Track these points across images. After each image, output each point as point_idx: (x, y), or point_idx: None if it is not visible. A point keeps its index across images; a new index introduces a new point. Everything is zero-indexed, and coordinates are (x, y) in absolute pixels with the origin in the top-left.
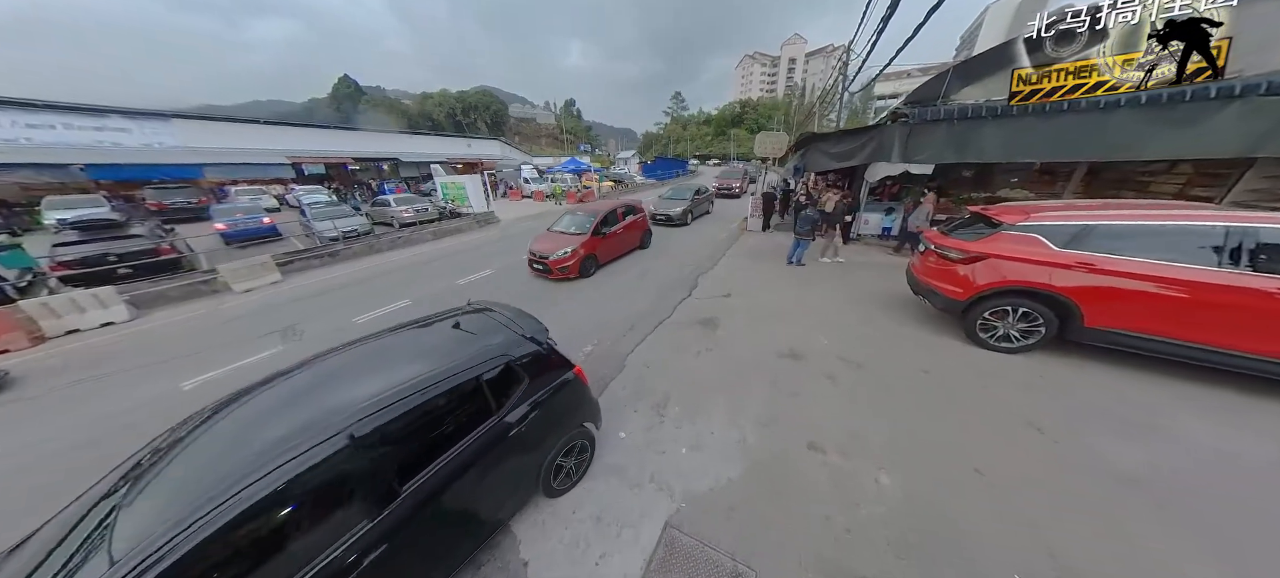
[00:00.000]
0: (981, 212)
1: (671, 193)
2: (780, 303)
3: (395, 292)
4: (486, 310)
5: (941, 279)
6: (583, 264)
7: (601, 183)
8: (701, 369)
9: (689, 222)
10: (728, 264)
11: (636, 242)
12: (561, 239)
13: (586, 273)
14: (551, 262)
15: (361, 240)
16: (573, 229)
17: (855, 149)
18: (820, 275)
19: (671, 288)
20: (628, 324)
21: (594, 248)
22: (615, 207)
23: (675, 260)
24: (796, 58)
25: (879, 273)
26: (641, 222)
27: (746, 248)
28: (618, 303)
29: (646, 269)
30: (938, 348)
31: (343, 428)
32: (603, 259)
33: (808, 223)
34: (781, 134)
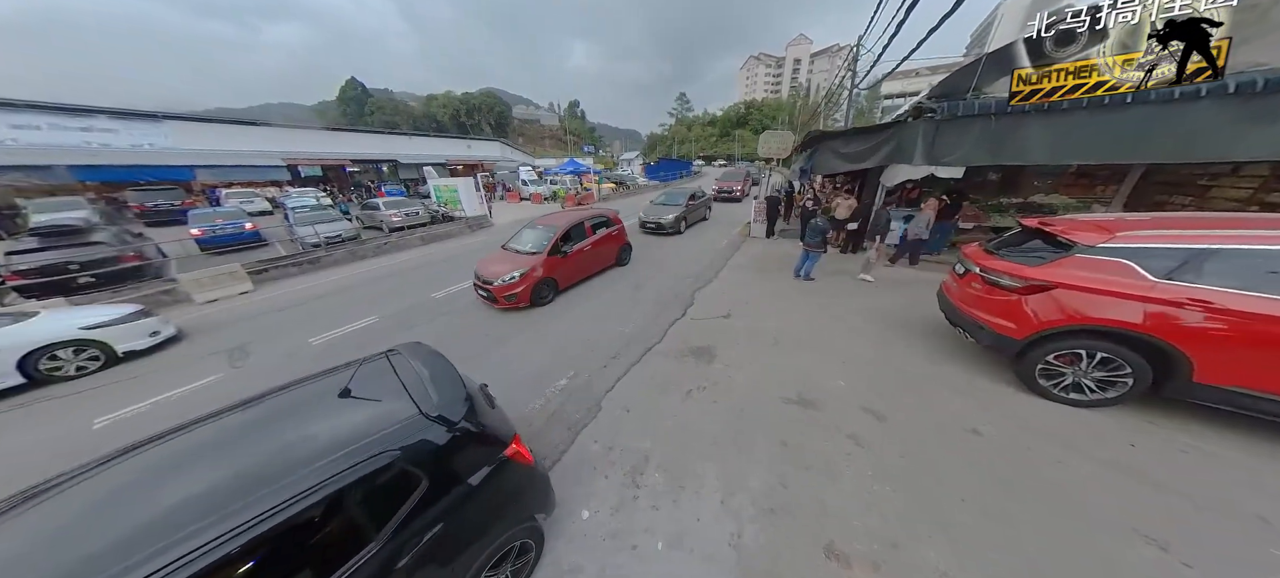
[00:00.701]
0: (1042, 227)
1: (665, 198)
2: (787, 327)
3: (365, 307)
4: (401, 360)
5: (990, 311)
6: (535, 291)
7: (601, 184)
8: (692, 417)
9: (682, 230)
10: (728, 277)
11: (611, 259)
12: (512, 260)
13: (541, 301)
14: (496, 289)
15: (345, 246)
16: (528, 247)
17: (870, 149)
18: (832, 292)
19: (665, 305)
20: (611, 352)
21: (552, 270)
22: (581, 220)
23: (670, 272)
24: (801, 58)
25: (897, 291)
26: (616, 235)
27: (749, 257)
28: (604, 323)
29: (640, 282)
30: (985, 396)
31: None
32: (564, 282)
33: (818, 233)
34: (787, 133)
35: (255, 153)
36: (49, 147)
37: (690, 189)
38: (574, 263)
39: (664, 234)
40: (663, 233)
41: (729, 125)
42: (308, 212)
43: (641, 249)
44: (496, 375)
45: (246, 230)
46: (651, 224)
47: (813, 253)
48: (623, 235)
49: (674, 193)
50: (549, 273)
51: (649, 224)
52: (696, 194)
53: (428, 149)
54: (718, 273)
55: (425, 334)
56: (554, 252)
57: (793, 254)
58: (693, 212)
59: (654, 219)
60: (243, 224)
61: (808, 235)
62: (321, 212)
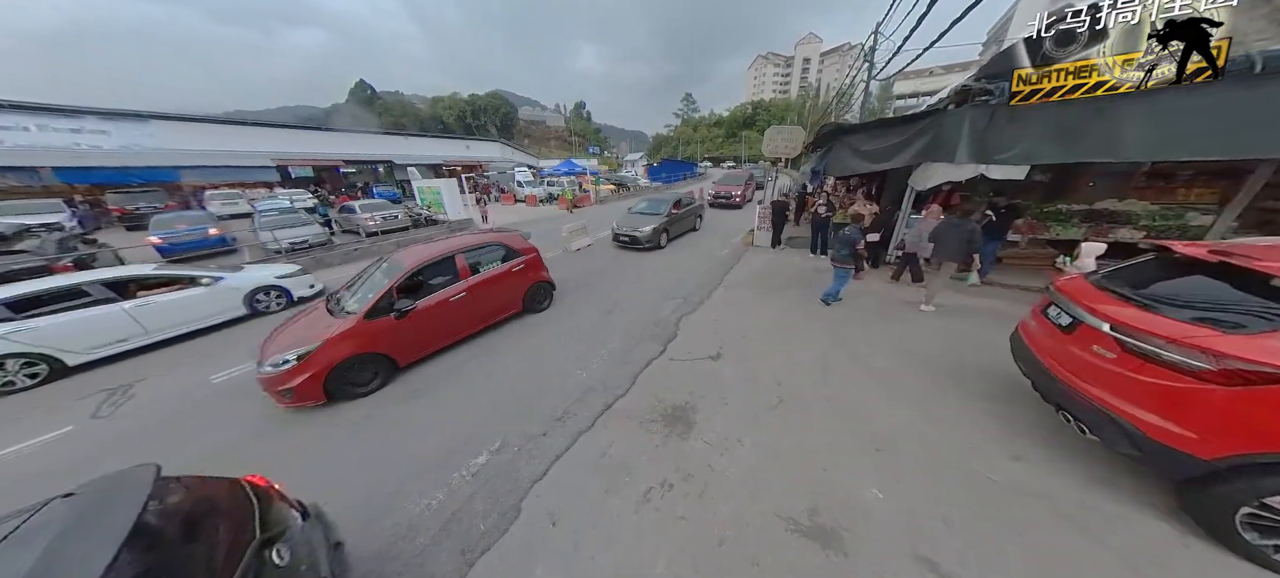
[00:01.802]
0: (1224, 258)
1: (645, 205)
2: (795, 376)
3: None
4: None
5: (1136, 399)
6: (332, 378)
7: (598, 186)
8: (644, 546)
9: (663, 244)
10: (723, 298)
11: (513, 305)
12: (307, 327)
13: (354, 391)
14: (264, 380)
15: (310, 253)
16: (350, 306)
17: (897, 145)
18: (851, 321)
19: (639, 338)
20: (557, 410)
21: (372, 341)
22: (449, 252)
23: (653, 290)
24: (811, 57)
25: (937, 319)
26: (521, 272)
27: (750, 271)
28: (555, 365)
29: (614, 304)
30: (1124, 540)
31: None
32: (411, 354)
33: (846, 245)
34: (796, 129)
35: (243, 153)
36: (36, 148)
37: (675, 195)
38: (426, 324)
39: (640, 250)
40: (638, 248)
41: (735, 126)
42: (273, 216)
43: (621, 264)
44: (395, 448)
45: (211, 237)
46: (625, 237)
47: (842, 270)
48: (536, 270)
49: (656, 200)
50: (365, 346)
51: (622, 237)
52: (683, 201)
53: (424, 150)
54: (711, 292)
55: None
56: (378, 312)
57: (801, 268)
58: (678, 222)
59: (628, 231)
60: (207, 230)
61: (835, 248)
62: (289, 216)
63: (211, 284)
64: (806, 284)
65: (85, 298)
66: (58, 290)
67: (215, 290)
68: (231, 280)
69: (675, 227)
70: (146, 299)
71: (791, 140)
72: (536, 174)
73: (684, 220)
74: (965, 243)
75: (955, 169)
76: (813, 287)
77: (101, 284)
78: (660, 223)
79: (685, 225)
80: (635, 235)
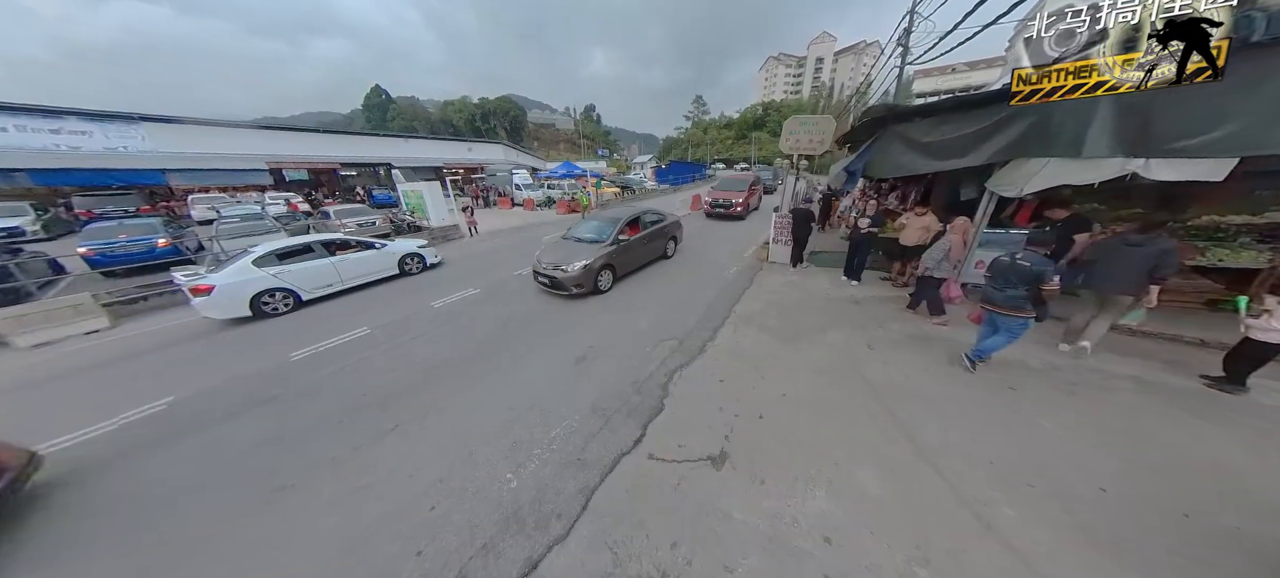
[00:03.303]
0: None
1: (591, 229)
2: (866, 519)
3: (206, 365)
4: None
5: None
6: None
7: (599, 189)
8: None
9: (604, 287)
10: (733, 341)
11: None
12: (575, 251)
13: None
14: (564, 278)
15: None
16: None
17: (981, 135)
18: (978, 407)
19: (612, 410)
20: (452, 570)
21: None
22: None
23: (645, 321)
24: (825, 57)
25: (1059, 382)
26: None
27: (767, 300)
28: (492, 450)
29: (589, 350)
30: None
31: None
32: None
33: (1027, 280)
34: (824, 118)
35: (234, 156)
36: (12, 149)
37: (636, 211)
38: None
39: (560, 295)
40: (559, 292)
41: (746, 128)
42: (235, 223)
43: (583, 302)
44: None
45: (160, 248)
46: (546, 277)
47: (1013, 320)
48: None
49: (605, 220)
50: None
51: (542, 276)
52: (645, 221)
53: (425, 152)
54: (716, 331)
55: (184, 473)
56: None
57: (833, 297)
58: (630, 253)
59: (549, 268)
60: (154, 240)
61: (998, 284)
62: (253, 223)
63: (381, 249)
64: (848, 323)
65: (311, 253)
66: (298, 246)
67: (382, 253)
68: (391, 247)
69: (626, 259)
70: (344, 256)
71: (818, 132)
72: (535, 176)
73: (641, 249)
74: (1150, 268)
75: (1077, 166)
76: (857, 327)
77: (320, 245)
78: (598, 256)
79: (646, 254)
80: (556, 276)
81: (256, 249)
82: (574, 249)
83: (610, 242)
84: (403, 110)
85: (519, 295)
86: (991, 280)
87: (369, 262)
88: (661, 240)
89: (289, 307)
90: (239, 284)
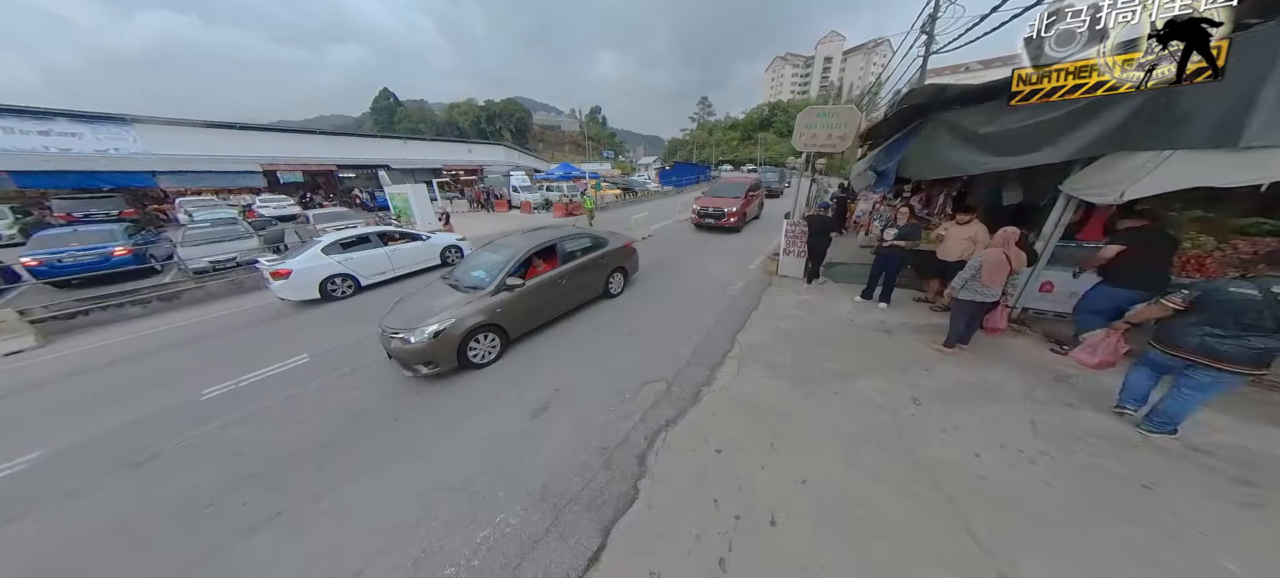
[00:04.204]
0: None
1: (479, 267)
2: None
3: (131, 394)
4: None
5: None
6: None
7: (598, 191)
8: None
9: (481, 360)
10: (736, 388)
11: None
12: None
13: None
14: None
15: (230, 275)
16: None
17: (1063, 123)
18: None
19: (563, 495)
20: None
21: None
22: None
23: (627, 354)
24: (833, 56)
25: None
26: None
27: (781, 328)
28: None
29: (559, 385)
30: None
31: None
32: None
33: (1254, 313)
34: (847, 110)
35: (227, 157)
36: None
37: (544, 240)
38: None
39: (418, 373)
40: (413, 370)
41: (751, 128)
42: (205, 228)
43: (580, 310)
44: None
45: (114, 256)
46: (398, 342)
47: (1221, 375)
48: None
49: (502, 249)
50: None
51: (393, 339)
52: (567, 248)
53: (424, 154)
54: (714, 369)
55: None
56: None
57: (859, 324)
58: (531, 301)
59: (392, 335)
60: (109, 249)
61: (1208, 322)
62: (227, 228)
63: (427, 240)
64: (882, 363)
65: (369, 243)
66: (358, 237)
67: (428, 244)
68: (434, 239)
69: (527, 311)
70: (396, 246)
71: (838, 126)
72: (532, 178)
73: (555, 293)
74: None
75: (1224, 163)
76: (895, 370)
77: (377, 236)
78: (467, 313)
79: (566, 299)
80: (398, 348)
81: (323, 239)
82: (427, 308)
83: (492, 290)
84: (409, 113)
85: None
86: (1206, 323)
87: (418, 252)
88: (596, 275)
89: (351, 291)
90: (311, 269)
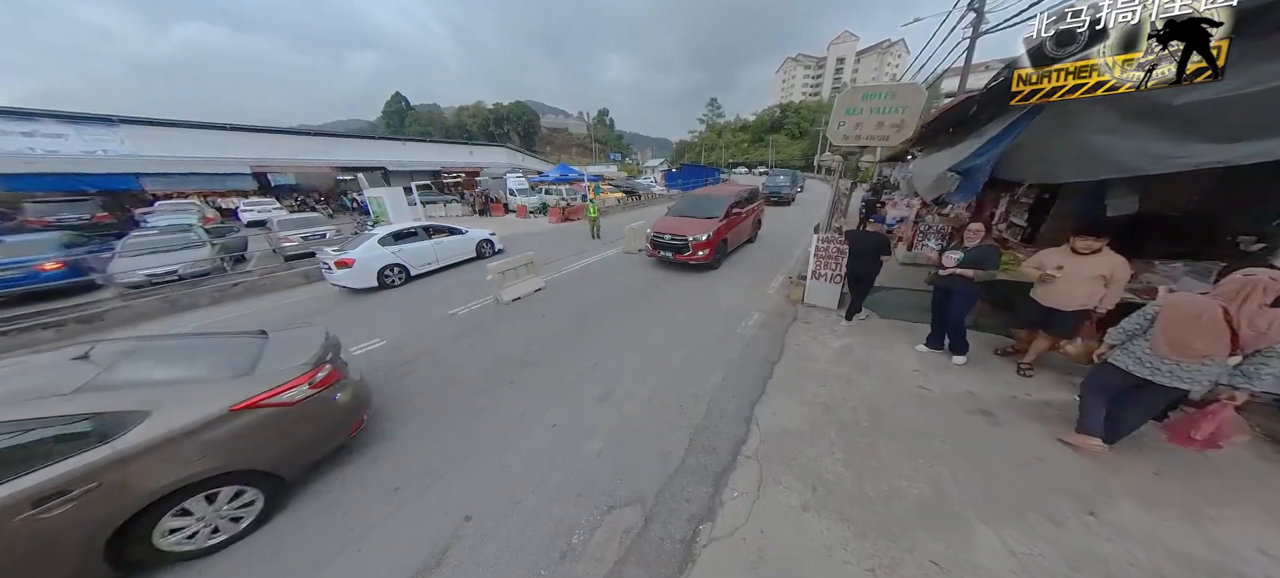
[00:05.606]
0: None
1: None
2: None
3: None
4: None
5: None
6: None
7: (598, 194)
8: None
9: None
10: (756, 540)
11: None
12: None
13: None
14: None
15: (175, 287)
16: None
17: None
18: None
19: None
20: None
21: None
22: None
23: (600, 439)
24: (846, 57)
25: None
26: None
27: (817, 398)
28: None
29: (447, 543)
30: None
31: None
32: None
33: None
34: (910, 88)
35: (215, 159)
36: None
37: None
38: None
39: None
40: None
41: (762, 130)
42: (152, 236)
43: (559, 335)
44: None
45: (43, 271)
46: None
47: None
48: None
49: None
50: None
51: None
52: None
53: (423, 155)
54: (717, 489)
55: None
56: None
57: (933, 390)
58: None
59: None
60: (34, 264)
61: None
62: (178, 236)
63: (464, 234)
64: (1007, 479)
65: (417, 236)
66: (408, 230)
67: (466, 238)
68: (470, 234)
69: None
70: (440, 240)
71: (897, 109)
72: (529, 179)
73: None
74: None
75: None
76: (1034, 503)
77: (423, 229)
78: None
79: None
80: None
81: (379, 231)
82: None
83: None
84: (420, 116)
85: (434, 361)
86: None
87: (457, 246)
88: (325, 429)
89: (403, 280)
90: (371, 259)
